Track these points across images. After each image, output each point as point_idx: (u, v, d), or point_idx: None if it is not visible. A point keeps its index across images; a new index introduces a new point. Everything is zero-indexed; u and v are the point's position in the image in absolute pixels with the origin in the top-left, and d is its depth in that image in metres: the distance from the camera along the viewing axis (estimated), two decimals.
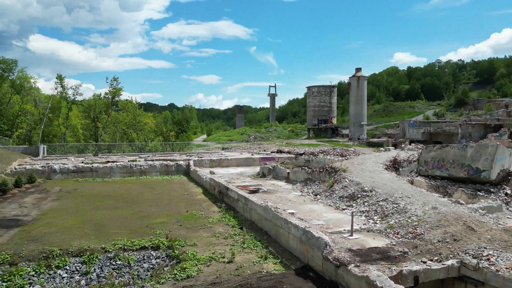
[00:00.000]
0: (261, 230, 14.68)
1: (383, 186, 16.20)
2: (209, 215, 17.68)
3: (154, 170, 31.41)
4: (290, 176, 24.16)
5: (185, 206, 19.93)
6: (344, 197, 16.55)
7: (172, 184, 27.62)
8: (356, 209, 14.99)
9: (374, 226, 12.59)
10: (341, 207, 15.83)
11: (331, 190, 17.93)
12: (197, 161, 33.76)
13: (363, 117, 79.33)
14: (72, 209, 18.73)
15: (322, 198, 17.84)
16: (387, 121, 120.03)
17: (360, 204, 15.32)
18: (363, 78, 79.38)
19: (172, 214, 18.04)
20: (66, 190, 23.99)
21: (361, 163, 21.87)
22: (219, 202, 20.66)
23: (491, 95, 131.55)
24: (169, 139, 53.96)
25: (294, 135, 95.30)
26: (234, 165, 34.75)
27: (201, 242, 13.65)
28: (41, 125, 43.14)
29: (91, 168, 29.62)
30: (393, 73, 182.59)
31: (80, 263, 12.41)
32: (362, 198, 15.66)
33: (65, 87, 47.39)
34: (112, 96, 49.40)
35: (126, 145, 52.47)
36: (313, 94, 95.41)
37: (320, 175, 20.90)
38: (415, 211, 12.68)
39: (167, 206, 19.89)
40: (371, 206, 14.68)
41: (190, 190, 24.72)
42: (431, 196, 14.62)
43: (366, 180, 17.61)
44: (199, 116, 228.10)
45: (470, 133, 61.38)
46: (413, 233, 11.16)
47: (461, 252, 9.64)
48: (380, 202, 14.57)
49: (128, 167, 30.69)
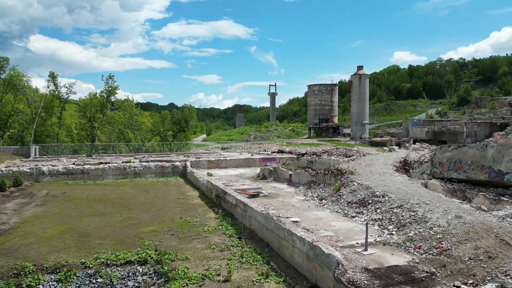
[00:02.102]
0: (262, 241, 13.16)
1: (396, 191, 14.66)
2: (204, 222, 16.16)
3: (149, 171, 29.89)
4: (293, 178, 22.63)
5: (179, 211, 18.41)
6: (353, 203, 15.01)
7: (167, 186, 26.10)
8: (367, 217, 13.46)
9: (390, 238, 11.07)
10: (350, 214, 14.31)
11: (338, 195, 16.40)
12: (195, 162, 32.24)
13: (365, 116, 77.76)
14: (56, 216, 17.21)
15: (328, 203, 16.31)
16: (388, 120, 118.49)
17: (371, 211, 13.79)
18: (365, 76, 77.76)
19: (164, 221, 16.53)
20: (53, 194, 22.47)
21: (369, 165, 20.34)
22: (216, 207, 19.15)
23: (493, 93, 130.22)
24: (167, 139, 52.38)
25: (295, 135, 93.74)
26: (233, 166, 33.24)
27: (194, 256, 12.13)
28: (33, 125, 41.56)
29: (82, 170, 28.10)
30: (394, 72, 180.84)
31: (56, 281, 10.89)
32: (373, 204, 14.12)
33: (57, 85, 45.78)
34: (108, 95, 47.76)
35: (123, 146, 50.95)
36: (314, 93, 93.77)
37: (325, 178, 19.37)
38: (437, 221, 11.15)
39: (160, 211, 18.37)
40: (385, 213, 13.15)
41: (186, 194, 23.20)
42: (451, 202, 13.08)
43: (376, 183, 16.08)
44: (200, 116, 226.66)
45: (476, 132, 60.02)
46: (438, 248, 9.63)
47: (500, 274, 8.11)
48: (394, 209, 13.04)
49: (122, 168, 29.16)
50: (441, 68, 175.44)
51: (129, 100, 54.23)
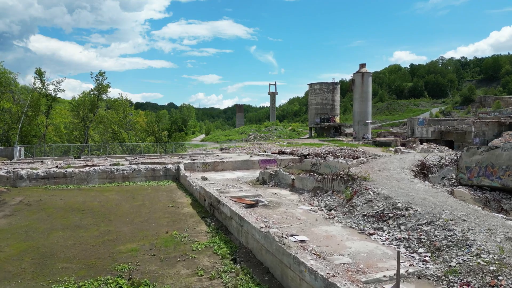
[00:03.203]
0: (261, 265, 10.76)
1: (422, 202, 12.26)
2: (194, 238, 13.77)
3: (139, 175, 27.46)
4: (296, 183, 20.23)
5: (166, 223, 16.03)
6: (370, 216, 12.61)
7: (157, 192, 23.71)
8: (389, 235, 11.07)
9: (425, 268, 8.67)
10: (367, 230, 11.91)
11: (351, 206, 14.00)
12: (189, 165, 29.82)
13: (368, 115, 75.30)
14: (21, 230, 14.81)
15: (339, 215, 13.91)
16: (391, 119, 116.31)
17: (393, 228, 11.39)
18: (367, 74, 75.33)
19: (147, 236, 14.13)
20: (27, 202, 20.06)
21: (383, 169, 17.94)
22: (209, 217, 16.76)
23: (497, 92, 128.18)
24: (162, 139, 49.90)
25: (296, 134, 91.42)
26: (231, 169, 30.83)
27: (177, 286, 9.74)
28: (19, 124, 39.13)
29: (64, 174, 25.67)
30: (395, 71, 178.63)
31: None
32: (395, 219, 11.72)
33: (44, 83, 43.25)
34: (98, 93, 45.22)
35: (118, 146, 48.54)
36: (315, 92, 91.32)
37: (333, 184, 16.97)
38: (484, 245, 8.76)
39: (144, 223, 15.98)
40: (411, 231, 10.75)
41: (176, 201, 20.81)
42: (492, 218, 10.69)
43: (396, 192, 13.68)
44: (199, 116, 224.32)
45: (484, 132, 57.94)
46: (496, 287, 7.24)
47: None
48: (423, 226, 10.64)
49: (109, 172, 26.74)
50: (443, 67, 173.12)
51: (123, 100, 51.67)
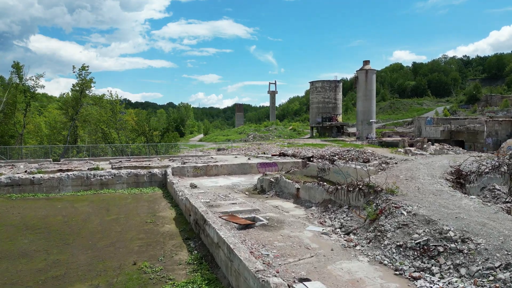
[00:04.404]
0: None
1: (482, 230, 8.79)
2: (168, 273, 10.31)
3: (120, 181, 23.97)
4: (301, 194, 16.74)
5: (138, 248, 12.58)
6: (408, 248, 9.14)
7: (138, 202, 20.25)
8: (444, 282, 7.59)
9: None
10: (406, 269, 8.44)
11: (378, 230, 10.51)
12: (178, 169, 26.31)
13: (372, 114, 71.83)
14: None
15: (362, 242, 10.44)
16: (394, 118, 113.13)
17: (448, 271, 7.92)
18: (371, 72, 71.80)
19: (107, 270, 10.67)
20: None
21: (411, 177, 14.46)
22: (193, 239, 13.31)
23: (502, 91, 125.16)
24: (153, 140, 46.36)
25: (296, 134, 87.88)
26: (225, 174, 27.31)
27: None
28: None
29: (32, 180, 22.18)
30: (397, 69, 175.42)
31: None
32: (449, 256, 8.25)
33: (22, 78, 39.64)
34: (81, 89, 41.64)
35: (106, 147, 45.05)
36: (317, 90, 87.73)
37: (349, 197, 13.50)
38: None
39: (109, 248, 12.52)
40: (479, 278, 7.29)
41: (158, 214, 17.35)
42: None
43: (439, 212, 10.20)
44: (199, 115, 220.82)
45: (497, 131, 55.03)
46: None
47: None
48: (497, 273, 7.18)
49: (84, 177, 23.25)
50: (446, 65, 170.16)
51: (112, 97, 48.06)
